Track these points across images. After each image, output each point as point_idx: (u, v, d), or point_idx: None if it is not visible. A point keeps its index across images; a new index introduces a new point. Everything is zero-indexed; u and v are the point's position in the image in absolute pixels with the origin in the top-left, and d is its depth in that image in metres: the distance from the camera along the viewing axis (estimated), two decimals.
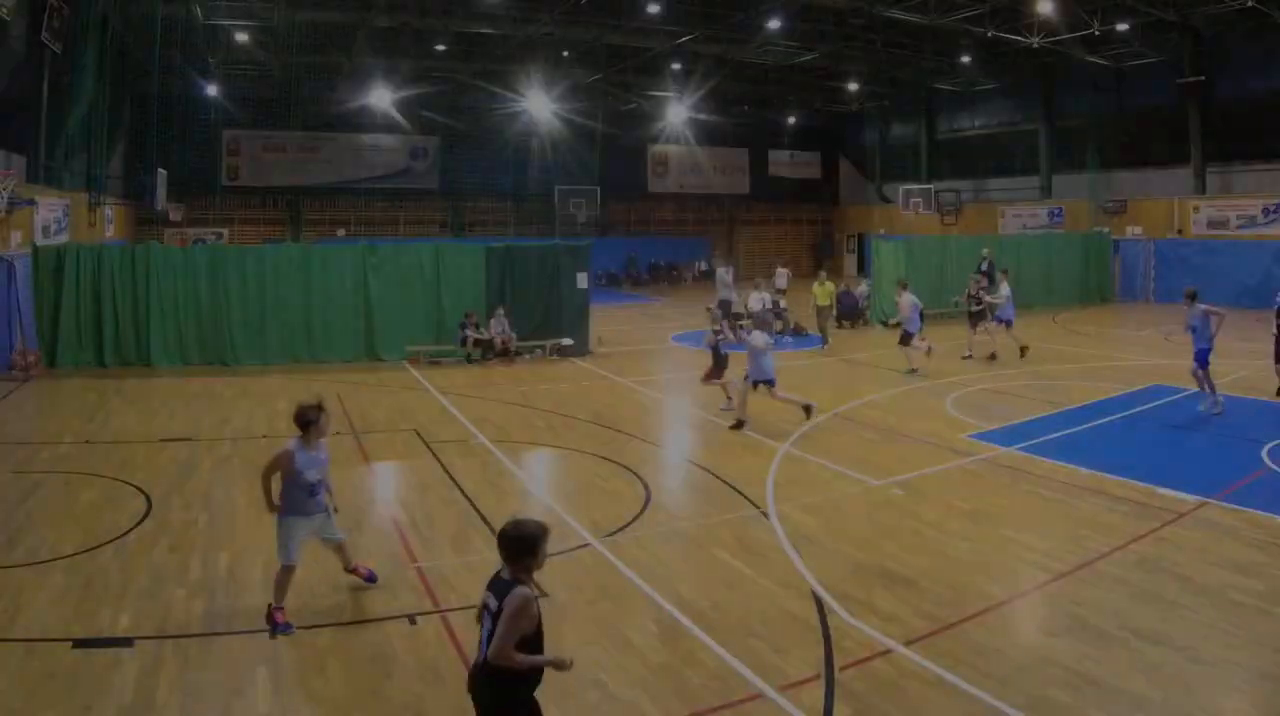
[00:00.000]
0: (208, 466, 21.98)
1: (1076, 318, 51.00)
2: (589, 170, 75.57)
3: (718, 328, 28.15)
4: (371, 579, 14.61)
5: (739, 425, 25.59)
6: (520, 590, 8.65)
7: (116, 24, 47.57)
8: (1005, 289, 37.63)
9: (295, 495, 13.58)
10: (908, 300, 33.73)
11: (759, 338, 25.82)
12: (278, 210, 72.05)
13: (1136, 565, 15.48)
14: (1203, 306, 25.82)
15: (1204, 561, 15.57)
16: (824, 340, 40.90)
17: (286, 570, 13.48)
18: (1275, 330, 28.42)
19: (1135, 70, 59.32)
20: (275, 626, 13.05)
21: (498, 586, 8.82)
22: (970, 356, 35.84)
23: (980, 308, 36.99)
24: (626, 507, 18.90)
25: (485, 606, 8.83)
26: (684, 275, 79.82)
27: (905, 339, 34.06)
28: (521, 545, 8.75)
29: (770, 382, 25.59)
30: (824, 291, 42.30)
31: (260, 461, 21.98)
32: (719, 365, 27.88)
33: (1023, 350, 36.10)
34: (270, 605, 13.36)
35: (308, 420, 13.77)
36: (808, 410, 25.87)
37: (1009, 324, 36.73)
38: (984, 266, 47.19)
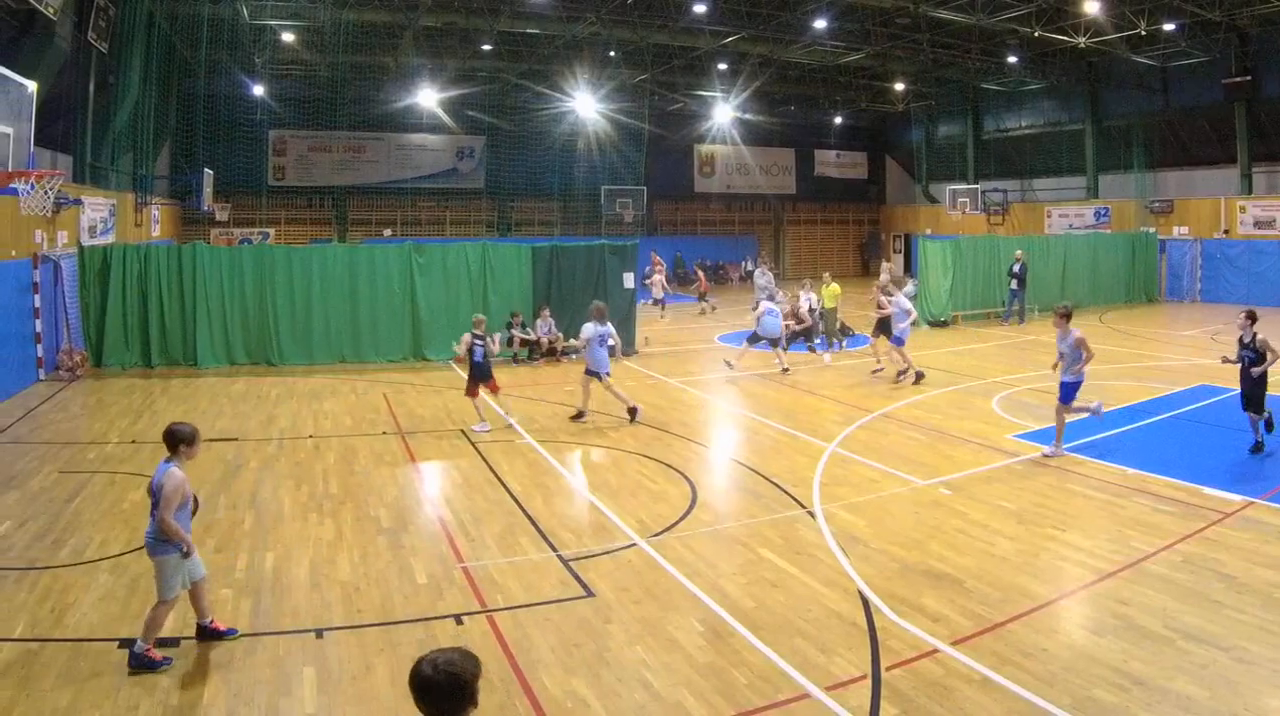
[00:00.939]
0: (254, 466, 22.01)
1: (1123, 317, 50.80)
2: (635, 170, 75.45)
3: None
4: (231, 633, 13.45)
5: (578, 415, 26.29)
6: None
7: (163, 23, 47.67)
8: (903, 300, 33.89)
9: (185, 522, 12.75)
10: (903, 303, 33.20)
11: (589, 329, 26.00)
12: (324, 210, 72.19)
13: (1182, 565, 15.51)
14: (1077, 333, 24.98)
15: (1250, 561, 15.64)
16: (827, 344, 39.90)
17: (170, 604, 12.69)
18: None
19: (1181, 70, 58.85)
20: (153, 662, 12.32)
21: None
22: (880, 369, 34.26)
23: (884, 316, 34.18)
24: (673, 507, 18.91)
25: None
26: (730, 275, 79.54)
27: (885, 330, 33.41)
28: (458, 692, 6.71)
29: (601, 375, 26.06)
30: (829, 293, 40.68)
31: (306, 462, 22.17)
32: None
33: (917, 376, 32.24)
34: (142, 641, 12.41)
35: (180, 439, 12.75)
36: (632, 412, 26.26)
37: (899, 342, 32.75)
38: (1016, 268, 47.01)
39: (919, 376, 31.81)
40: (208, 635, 12.98)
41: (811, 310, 41.69)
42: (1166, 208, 61.51)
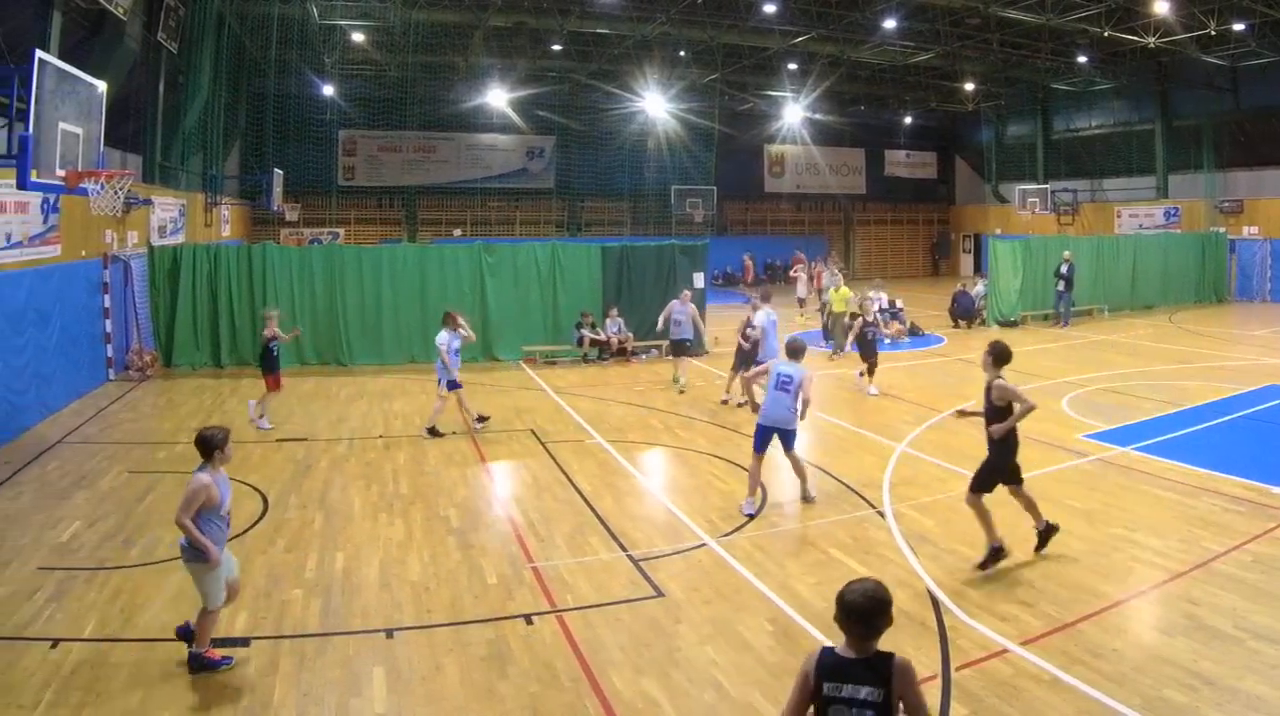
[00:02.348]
0: (324, 466, 22.03)
1: (1192, 317, 50.51)
2: (705, 170, 75.21)
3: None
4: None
5: (433, 432, 25.15)
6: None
7: (232, 23, 47.85)
8: (759, 318, 28.67)
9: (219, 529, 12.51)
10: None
11: (442, 336, 25.30)
12: (394, 210, 72.48)
13: (1253, 564, 15.41)
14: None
15: None
16: (835, 350, 38.33)
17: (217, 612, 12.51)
18: None
19: (1252, 70, 58.00)
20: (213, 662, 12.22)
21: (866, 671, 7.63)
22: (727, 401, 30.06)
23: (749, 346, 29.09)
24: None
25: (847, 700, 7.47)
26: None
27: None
28: (886, 610, 7.60)
29: (454, 385, 25.39)
30: (839, 297, 39.19)
31: (376, 462, 22.12)
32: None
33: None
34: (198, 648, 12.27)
35: (213, 446, 12.68)
36: (481, 420, 25.88)
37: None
38: (1064, 269, 46.34)
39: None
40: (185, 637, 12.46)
41: (882, 310, 41.59)
42: (1236, 207, 61.04)
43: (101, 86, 21.55)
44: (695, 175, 75.13)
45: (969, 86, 72.53)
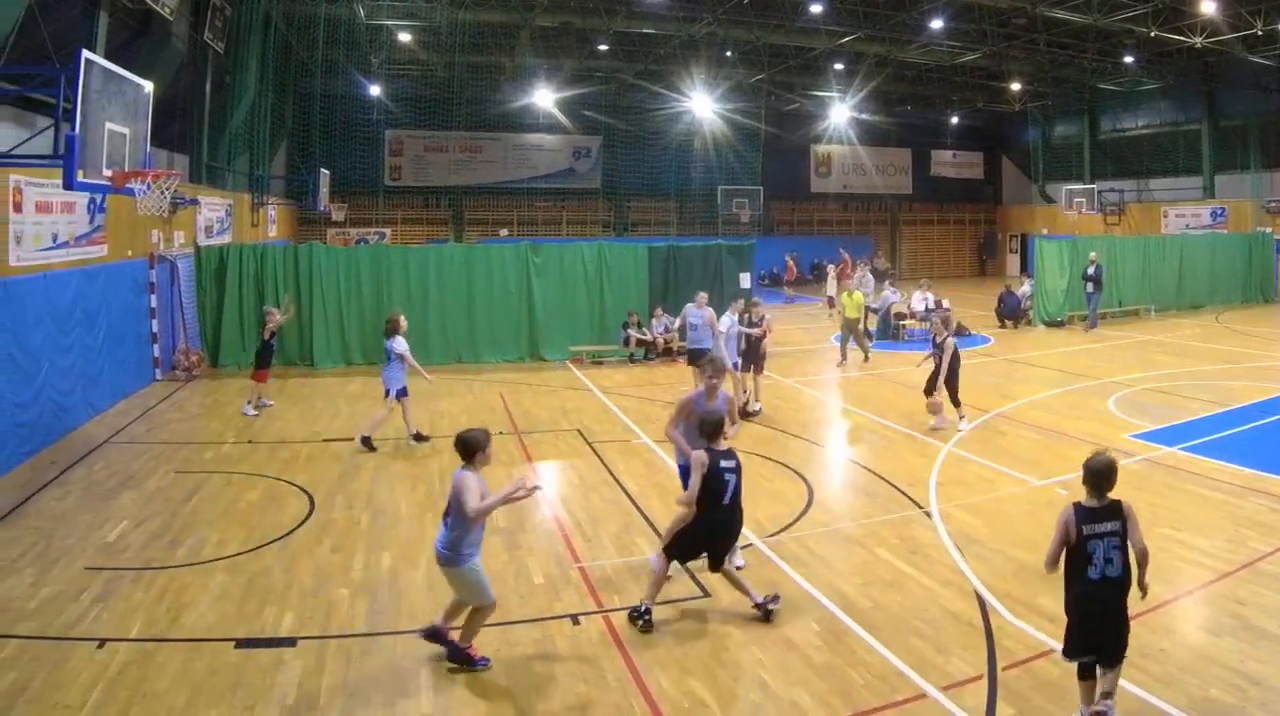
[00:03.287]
0: (370, 467, 22.06)
1: (1239, 317, 50.23)
2: (751, 170, 75.25)
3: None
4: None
5: (367, 442, 23.89)
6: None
7: (279, 23, 47.95)
8: (726, 320, 27.89)
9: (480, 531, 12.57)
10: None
11: (402, 342, 24.80)
12: (440, 210, 72.71)
13: None
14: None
15: None
16: (844, 356, 36.57)
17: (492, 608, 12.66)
18: None
19: None
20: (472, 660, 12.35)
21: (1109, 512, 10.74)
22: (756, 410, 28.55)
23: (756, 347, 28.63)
24: (789, 507, 18.81)
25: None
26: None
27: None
28: (1115, 472, 10.86)
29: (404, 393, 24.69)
30: (852, 303, 37.05)
31: (422, 462, 22.10)
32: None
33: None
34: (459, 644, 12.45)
35: (476, 447, 12.78)
36: (418, 438, 24.51)
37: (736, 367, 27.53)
38: (1091, 270, 45.93)
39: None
40: (447, 645, 12.55)
41: (928, 309, 41.46)
42: None
43: (148, 86, 21.58)
44: (742, 175, 75.11)
45: (1015, 86, 72.32)
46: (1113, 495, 10.60)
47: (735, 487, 13.74)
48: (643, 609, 13.41)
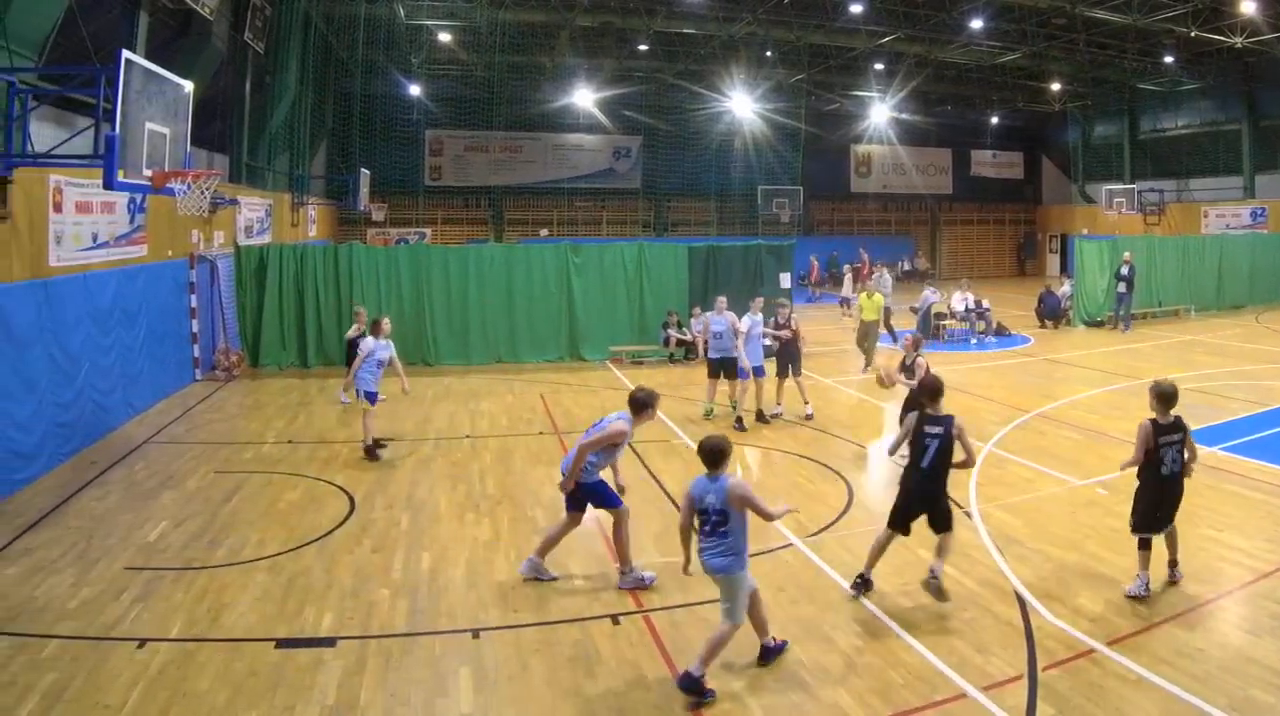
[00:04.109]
0: (410, 467, 22.10)
1: (1279, 318, 49.94)
2: (791, 170, 75.37)
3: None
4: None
5: (377, 445, 23.14)
6: None
7: (319, 23, 48.08)
8: (747, 320, 26.82)
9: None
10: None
11: (369, 342, 24.28)
12: (480, 210, 72.92)
13: None
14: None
15: None
16: (867, 363, 35.09)
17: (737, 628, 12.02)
18: None
19: None
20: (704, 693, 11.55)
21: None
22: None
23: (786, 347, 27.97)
24: (829, 507, 18.86)
25: None
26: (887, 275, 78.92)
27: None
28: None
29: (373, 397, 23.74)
30: (871, 304, 35.77)
31: (463, 462, 22.14)
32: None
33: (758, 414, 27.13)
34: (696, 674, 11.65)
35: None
36: (377, 445, 23.67)
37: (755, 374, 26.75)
38: (1124, 270, 45.60)
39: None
40: (769, 655, 12.42)
41: (969, 309, 41.39)
42: None
43: (188, 86, 21.58)
44: (782, 175, 75.15)
45: (1055, 86, 72.42)
46: None
47: (935, 453, 14.11)
48: (862, 576, 14.22)
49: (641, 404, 14.41)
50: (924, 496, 14.20)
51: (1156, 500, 14.40)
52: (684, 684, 11.53)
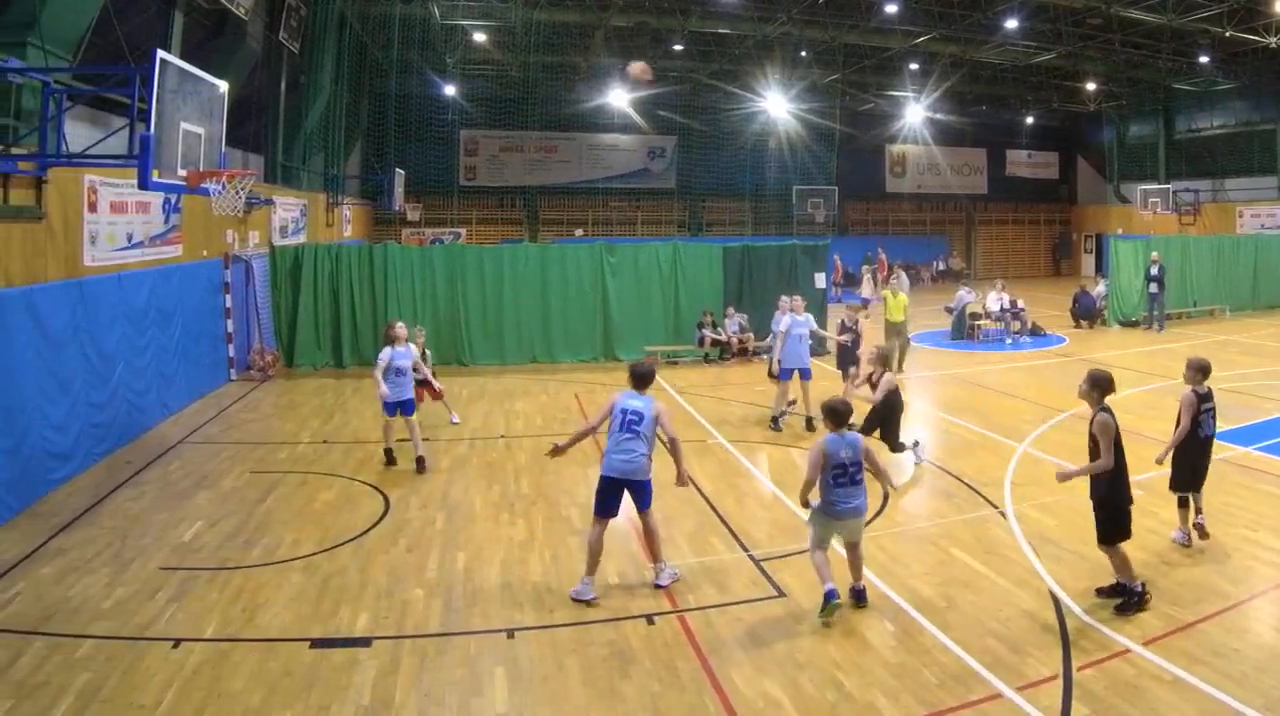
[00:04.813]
0: (445, 466, 22.11)
1: None
2: (826, 170, 75.19)
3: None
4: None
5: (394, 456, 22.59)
6: None
7: (354, 23, 48.17)
8: (787, 321, 26.39)
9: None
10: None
11: (389, 352, 23.98)
12: (515, 210, 73.03)
13: None
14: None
15: None
16: (900, 365, 34.09)
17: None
18: None
19: None
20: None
21: None
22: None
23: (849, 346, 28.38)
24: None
25: None
26: (922, 275, 78.58)
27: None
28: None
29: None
30: (897, 304, 34.76)
31: (498, 462, 22.13)
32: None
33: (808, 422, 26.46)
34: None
35: (847, 414, 14.21)
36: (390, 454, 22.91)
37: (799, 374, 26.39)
38: (1154, 270, 45.36)
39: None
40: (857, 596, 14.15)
41: (1004, 309, 41.30)
42: None
43: (223, 86, 21.59)
44: (816, 175, 74.96)
45: (1090, 86, 72.20)
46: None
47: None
48: (1139, 589, 13.96)
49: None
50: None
51: (1195, 462, 16.13)
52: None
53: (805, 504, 14.07)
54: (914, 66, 64.69)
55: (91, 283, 21.87)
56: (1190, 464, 16.15)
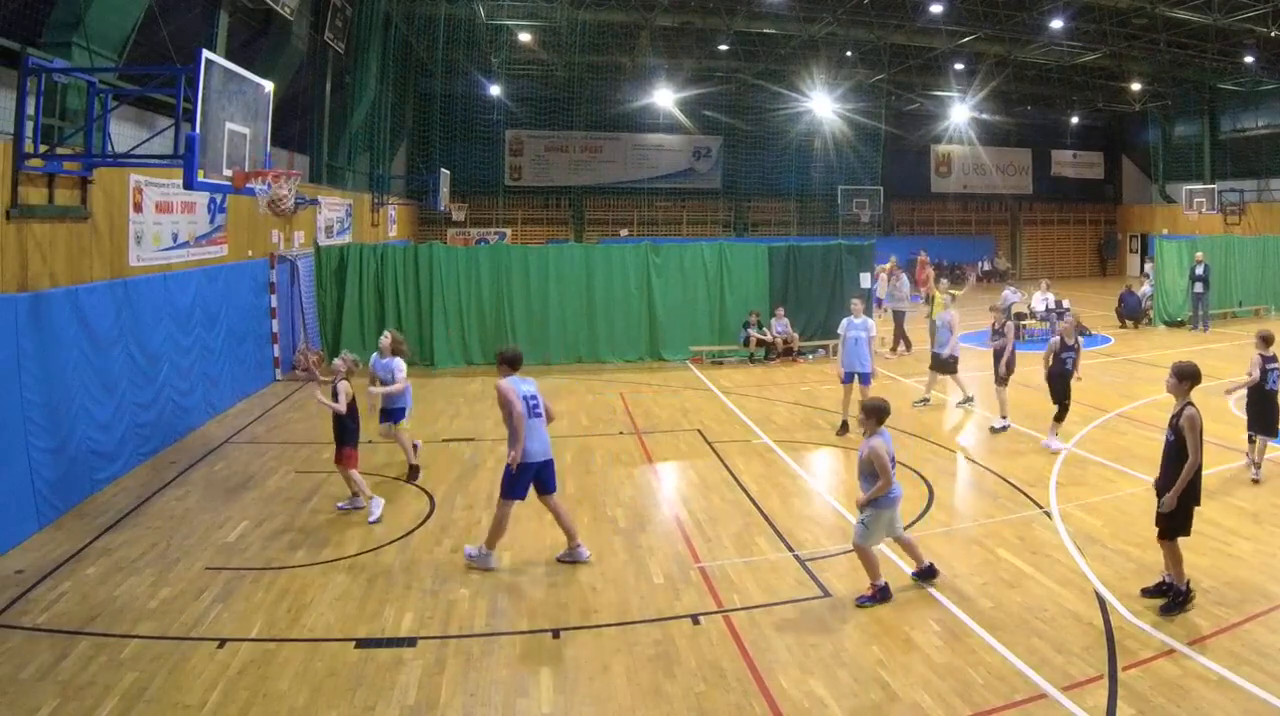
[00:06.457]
0: (490, 466, 21.95)
1: None
2: (872, 170, 75.04)
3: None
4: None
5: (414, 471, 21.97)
6: None
7: (399, 23, 48.28)
8: (842, 323, 26.31)
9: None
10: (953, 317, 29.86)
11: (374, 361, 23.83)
12: (560, 210, 73.19)
13: None
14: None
15: None
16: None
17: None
18: None
19: None
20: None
21: None
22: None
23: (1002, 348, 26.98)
24: (909, 507, 18.26)
25: None
26: (967, 275, 78.36)
27: (949, 366, 28.75)
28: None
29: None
30: (940, 304, 32.50)
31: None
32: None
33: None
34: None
35: (887, 412, 15.14)
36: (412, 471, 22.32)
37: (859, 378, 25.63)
38: (1199, 270, 45.03)
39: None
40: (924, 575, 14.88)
41: (1049, 309, 41.17)
42: None
43: (268, 86, 21.59)
44: (862, 175, 74.84)
45: (1136, 86, 71.93)
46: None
47: None
48: (1185, 589, 13.94)
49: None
50: None
51: (1261, 408, 20.19)
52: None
53: (866, 506, 14.17)
54: (959, 66, 64.68)
55: (137, 283, 21.90)
56: (1261, 410, 20.29)
